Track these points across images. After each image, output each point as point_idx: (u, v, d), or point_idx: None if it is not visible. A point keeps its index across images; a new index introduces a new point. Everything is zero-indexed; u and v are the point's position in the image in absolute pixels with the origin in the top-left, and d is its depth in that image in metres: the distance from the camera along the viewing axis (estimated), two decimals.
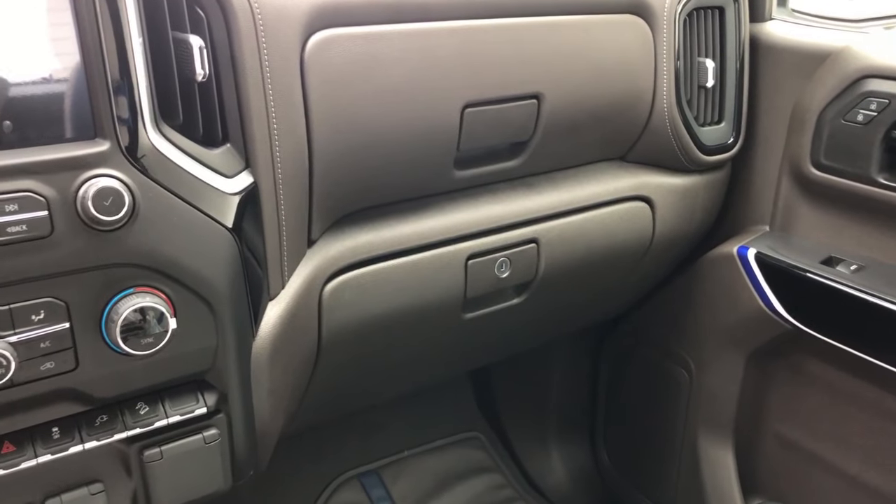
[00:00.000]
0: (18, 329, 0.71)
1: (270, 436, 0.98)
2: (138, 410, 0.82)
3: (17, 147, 0.69)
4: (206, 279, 0.81)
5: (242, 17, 0.83)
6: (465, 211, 1.14)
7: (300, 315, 0.97)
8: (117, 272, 0.75)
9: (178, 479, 0.85)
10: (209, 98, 0.83)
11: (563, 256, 1.26)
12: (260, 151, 0.86)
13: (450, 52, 1.01)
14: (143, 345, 0.76)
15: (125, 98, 0.74)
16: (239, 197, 0.84)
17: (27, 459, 0.76)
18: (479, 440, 1.99)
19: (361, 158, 0.98)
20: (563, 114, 1.15)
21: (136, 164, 0.74)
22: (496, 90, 1.07)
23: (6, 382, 0.71)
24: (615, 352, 1.76)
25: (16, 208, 0.68)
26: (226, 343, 0.84)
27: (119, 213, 0.72)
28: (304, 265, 0.97)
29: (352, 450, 1.85)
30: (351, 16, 0.93)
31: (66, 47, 0.71)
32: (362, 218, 1.06)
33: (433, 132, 1.03)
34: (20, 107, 0.69)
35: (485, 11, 1.03)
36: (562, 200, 1.24)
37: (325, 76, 0.91)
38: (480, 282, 1.17)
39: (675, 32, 1.23)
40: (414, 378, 1.46)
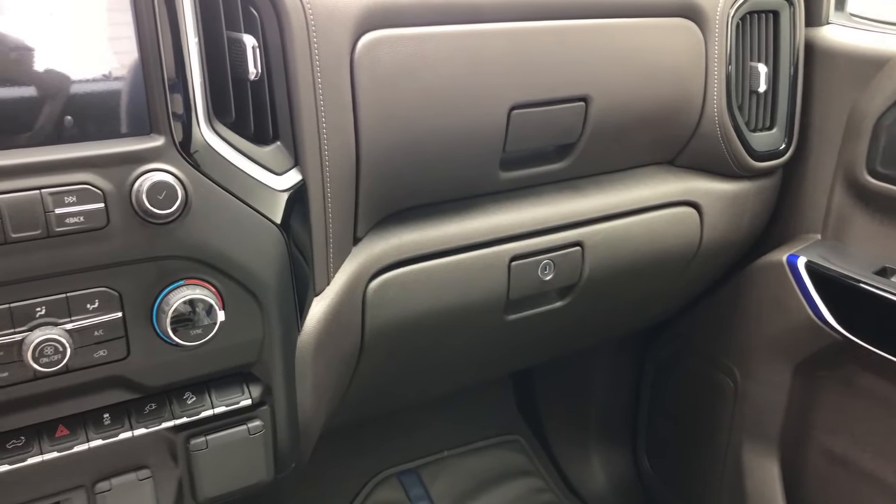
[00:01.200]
0: (74, 317, 0.74)
1: (312, 430, 0.99)
2: (186, 400, 0.84)
3: (76, 141, 0.72)
4: (254, 273, 0.82)
5: (295, 17, 0.84)
6: (510, 212, 1.14)
7: (344, 312, 0.98)
8: (169, 264, 0.77)
9: (222, 468, 0.87)
10: (261, 96, 0.85)
11: (608, 260, 1.25)
12: (309, 149, 0.88)
13: (498, 53, 1.01)
14: (192, 336, 0.78)
15: (180, 95, 0.76)
16: (288, 194, 0.86)
17: (80, 443, 0.78)
18: (519, 443, 1.98)
19: (408, 158, 0.99)
20: (610, 117, 1.14)
21: (189, 159, 0.76)
22: (544, 92, 1.07)
23: (61, 368, 0.73)
24: (659, 358, 1.74)
25: (74, 200, 0.70)
26: (272, 336, 0.86)
27: (172, 207, 0.74)
28: (349, 262, 0.99)
29: (392, 448, 1.87)
30: (401, 17, 0.94)
31: (125, 46, 0.73)
32: (407, 217, 1.07)
33: (479, 133, 1.04)
34: (80, 102, 0.72)
35: (534, 13, 1.03)
36: (608, 204, 1.23)
37: (374, 76, 0.92)
38: (523, 284, 1.17)
39: (727, 36, 1.22)
40: (455, 378, 1.47)
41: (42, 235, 0.70)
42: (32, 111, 0.70)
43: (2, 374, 0.72)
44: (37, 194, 0.69)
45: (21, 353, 0.71)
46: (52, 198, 0.69)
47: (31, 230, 0.69)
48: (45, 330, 0.72)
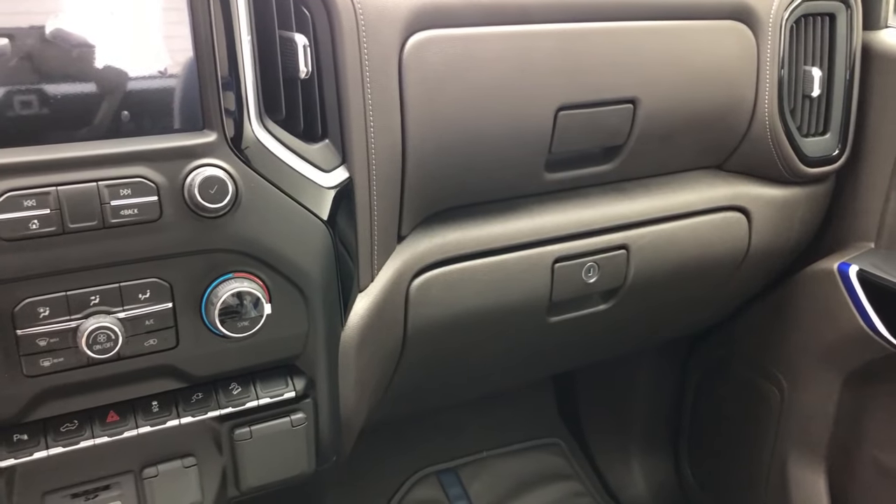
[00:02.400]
0: (126, 306, 0.76)
1: (354, 424, 1.00)
2: (231, 391, 0.86)
3: (132, 136, 0.74)
4: (300, 268, 0.84)
5: (346, 17, 0.86)
6: (555, 213, 1.14)
7: (387, 308, 1.00)
8: (218, 257, 0.79)
9: (266, 459, 0.89)
10: (311, 95, 0.87)
11: (654, 264, 1.24)
12: (356, 147, 0.89)
13: (546, 54, 1.01)
14: (239, 328, 0.80)
15: (233, 93, 0.78)
16: (335, 191, 0.87)
17: (129, 429, 0.81)
18: (559, 446, 1.98)
19: (454, 158, 1.00)
20: (658, 119, 1.13)
21: (240, 155, 0.78)
22: (591, 94, 1.06)
23: (113, 356, 0.75)
24: (704, 365, 1.72)
25: (129, 193, 0.73)
26: (316, 330, 0.87)
27: (223, 201, 0.76)
28: (393, 260, 1.00)
29: (432, 447, 1.88)
30: (450, 17, 0.95)
31: (180, 44, 0.75)
32: (451, 216, 1.07)
33: (526, 134, 1.04)
34: (137, 98, 0.74)
35: (583, 15, 1.03)
36: (654, 207, 1.22)
37: (422, 76, 0.93)
38: (567, 286, 1.17)
39: (781, 40, 1.20)
40: (496, 379, 1.47)
41: (98, 226, 0.72)
42: (92, 106, 0.72)
43: (57, 360, 0.74)
44: (94, 186, 0.71)
45: (76, 339, 0.74)
46: (108, 190, 0.72)
47: (88, 221, 0.71)
48: (99, 318, 0.74)
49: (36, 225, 0.69)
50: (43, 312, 0.73)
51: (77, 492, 0.81)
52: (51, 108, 0.71)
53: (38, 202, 0.69)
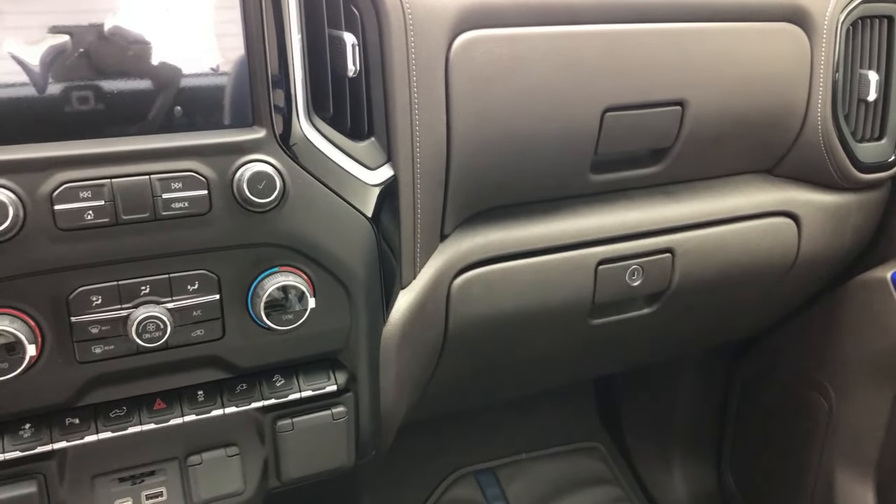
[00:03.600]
0: (175, 297, 0.78)
1: (394, 419, 1.01)
2: (275, 382, 0.87)
3: (184, 131, 0.76)
4: (344, 263, 0.85)
5: (394, 16, 0.87)
6: (599, 215, 1.13)
7: (429, 306, 1.00)
8: (265, 251, 0.81)
9: (307, 450, 0.90)
10: (358, 93, 0.88)
11: (700, 269, 1.22)
12: (401, 146, 0.90)
13: (593, 55, 1.01)
14: (284, 321, 0.81)
15: (282, 90, 0.79)
16: (379, 188, 0.88)
17: (175, 417, 0.83)
18: (598, 451, 1.96)
19: (498, 158, 1.00)
20: (707, 122, 1.12)
21: (288, 151, 0.80)
22: (639, 95, 1.05)
23: (162, 345, 0.77)
24: (748, 373, 1.69)
25: (180, 186, 0.75)
26: (358, 326, 0.89)
27: (271, 197, 0.77)
28: (436, 258, 1.00)
29: (471, 447, 1.88)
30: (497, 17, 0.95)
31: (232, 42, 0.77)
32: (495, 216, 1.07)
33: (571, 135, 1.04)
34: (189, 94, 0.76)
35: (632, 16, 1.02)
36: (701, 211, 1.20)
37: (468, 76, 0.94)
38: (610, 288, 1.16)
39: (836, 42, 1.17)
40: (536, 380, 1.46)
41: (150, 218, 0.74)
42: (146, 102, 0.74)
43: (108, 347, 0.76)
44: (146, 179, 0.73)
45: (126, 328, 0.76)
46: (160, 183, 0.74)
47: (140, 213, 0.73)
48: (149, 308, 0.76)
49: (91, 216, 0.72)
50: (96, 301, 0.75)
51: (124, 476, 0.83)
52: (107, 103, 0.73)
53: (94, 194, 0.71)
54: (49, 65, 0.70)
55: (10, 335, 0.71)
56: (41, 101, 0.71)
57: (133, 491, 0.84)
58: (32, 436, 0.77)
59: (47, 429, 0.78)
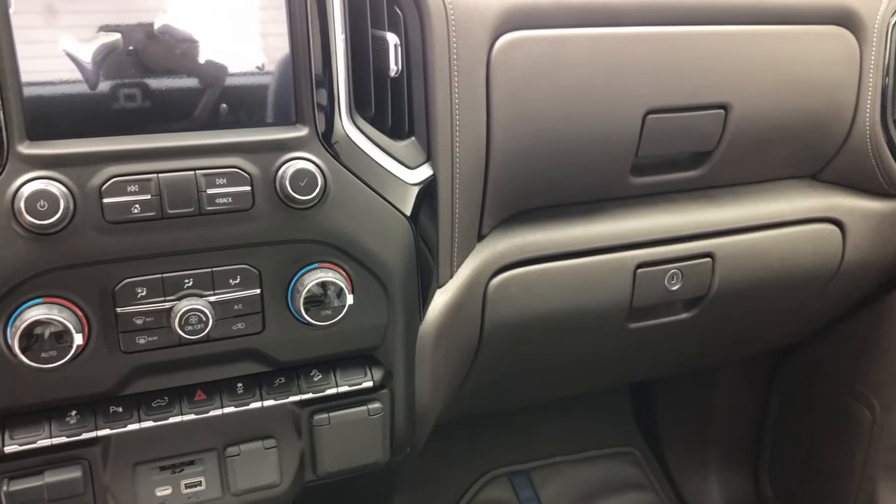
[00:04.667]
0: (217, 290, 0.80)
1: (428, 417, 1.02)
2: (312, 377, 0.88)
3: (229, 128, 0.78)
4: (383, 261, 0.86)
5: (437, 17, 0.87)
6: (639, 218, 1.13)
7: (465, 306, 1.01)
8: (305, 247, 0.82)
9: (342, 445, 0.91)
10: (400, 93, 0.89)
11: (740, 274, 1.21)
12: (441, 145, 0.90)
13: (636, 57, 1.00)
14: (323, 316, 0.83)
15: (325, 90, 0.80)
16: (418, 188, 0.89)
17: (215, 408, 0.84)
18: (633, 456, 1.95)
19: (538, 158, 1.00)
20: (751, 126, 1.11)
21: (329, 149, 0.81)
22: (681, 98, 1.05)
23: (203, 337, 0.79)
24: (789, 381, 1.66)
25: (224, 182, 0.76)
26: (395, 323, 0.89)
27: (312, 194, 0.78)
28: (473, 258, 1.01)
29: (505, 448, 1.88)
30: (540, 19, 0.95)
31: (277, 42, 0.78)
32: (533, 217, 1.07)
33: (612, 137, 1.03)
34: (235, 92, 0.77)
35: (675, 18, 1.02)
36: (743, 216, 1.19)
37: (509, 76, 0.94)
38: (649, 292, 1.15)
39: (888, 46, 1.15)
40: (571, 383, 1.46)
41: (194, 213, 0.76)
42: (193, 99, 0.76)
43: (151, 338, 0.78)
44: (192, 175, 0.75)
45: (169, 319, 0.78)
46: (205, 179, 0.75)
47: (185, 208, 0.75)
48: (191, 300, 0.78)
49: (137, 209, 0.74)
50: (140, 293, 0.77)
51: (165, 465, 0.85)
52: (155, 100, 0.75)
53: (141, 188, 0.73)
54: (100, 62, 0.72)
55: (59, 324, 0.73)
56: (92, 98, 0.73)
57: (173, 480, 0.86)
58: (78, 422, 0.80)
59: (92, 416, 0.80)
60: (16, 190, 0.69)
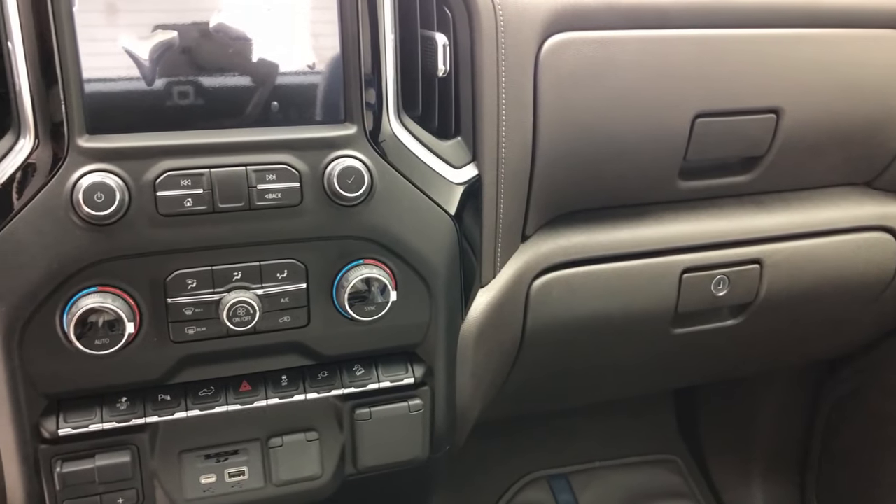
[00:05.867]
0: (265, 284, 0.81)
1: (468, 416, 1.02)
2: (355, 372, 0.90)
3: (279, 125, 0.79)
4: (426, 259, 0.87)
5: (486, 17, 0.88)
6: (686, 222, 1.12)
7: (507, 306, 1.01)
8: (351, 244, 0.83)
9: (382, 440, 0.92)
10: (447, 93, 0.89)
11: (789, 282, 1.19)
12: (487, 145, 0.91)
13: (685, 60, 0.99)
14: (366, 312, 0.84)
15: (374, 89, 0.82)
16: (463, 187, 0.89)
17: (259, 399, 0.86)
18: (675, 464, 1.92)
19: (584, 160, 1.00)
20: (803, 131, 1.09)
21: (377, 148, 0.82)
22: (731, 102, 1.03)
23: (250, 329, 0.81)
24: (839, 392, 1.62)
25: (274, 178, 0.78)
26: (437, 321, 0.90)
27: (359, 191, 0.79)
28: (516, 258, 1.01)
29: (544, 451, 1.87)
30: (589, 20, 0.95)
31: (328, 42, 0.80)
32: (578, 219, 1.07)
33: (661, 140, 1.02)
34: (285, 91, 0.79)
35: (726, 21, 1.00)
36: (793, 222, 1.17)
37: (557, 78, 0.94)
38: (694, 297, 1.14)
39: None
40: (613, 387, 1.45)
41: (244, 207, 0.77)
42: (245, 96, 0.78)
43: (200, 329, 0.80)
44: (243, 170, 0.77)
45: (218, 311, 0.80)
46: (255, 174, 0.77)
47: (236, 202, 0.77)
48: (240, 293, 0.80)
49: (190, 203, 0.76)
50: (191, 284, 0.79)
51: (210, 453, 0.87)
52: (209, 97, 0.77)
53: (193, 182, 0.75)
54: (157, 60, 0.74)
55: (113, 313, 0.75)
56: (149, 94, 0.75)
57: (217, 468, 0.87)
58: (128, 409, 0.82)
59: (141, 403, 0.83)
60: (75, 182, 0.72)
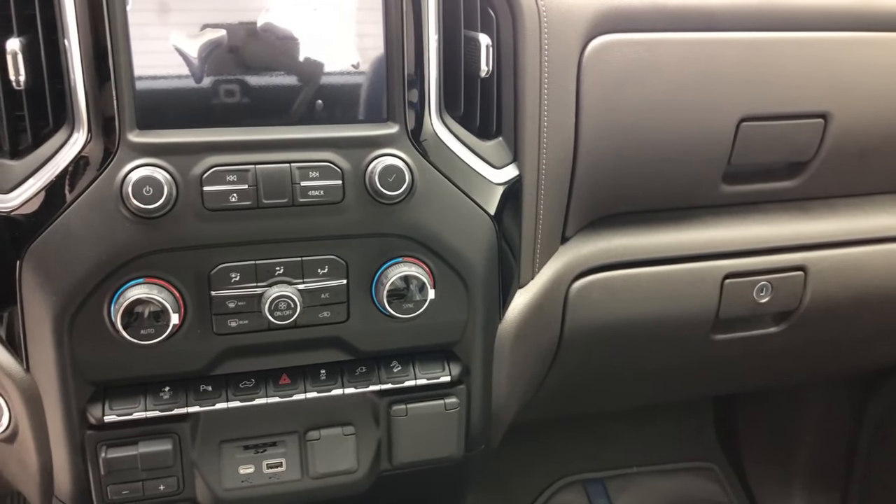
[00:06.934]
0: (306, 279, 0.83)
1: (504, 416, 1.02)
2: (392, 368, 0.91)
3: (323, 123, 0.80)
4: (465, 258, 0.87)
5: (529, 18, 0.88)
6: (729, 227, 1.10)
7: (545, 307, 1.01)
8: (391, 241, 0.84)
9: (418, 437, 0.93)
10: (489, 93, 0.90)
11: (835, 290, 1.17)
12: (528, 146, 0.91)
13: (732, 63, 0.98)
14: (404, 309, 0.85)
15: (416, 89, 0.83)
16: (503, 187, 0.90)
17: (298, 393, 0.88)
18: (713, 472, 1.89)
19: (627, 163, 0.99)
20: (852, 137, 1.07)
21: (418, 147, 0.83)
22: (778, 106, 1.02)
23: (291, 323, 0.82)
24: (884, 406, 1.59)
25: (317, 175, 0.79)
26: (475, 320, 0.91)
27: (399, 189, 0.80)
28: (555, 260, 1.01)
29: (580, 455, 1.86)
30: (634, 22, 0.94)
31: (372, 42, 0.81)
32: (619, 221, 1.07)
33: (704, 143, 1.02)
34: (330, 90, 0.80)
35: (774, 24, 0.99)
36: (840, 230, 1.15)
37: (600, 79, 0.94)
38: (736, 303, 1.13)
39: None
40: (651, 392, 1.43)
41: (288, 204, 0.79)
42: (291, 95, 0.79)
43: (242, 322, 0.82)
44: (287, 167, 0.78)
45: (260, 305, 0.81)
46: (299, 171, 0.78)
47: (280, 198, 0.78)
48: (281, 287, 0.81)
49: (235, 198, 0.77)
50: (234, 278, 0.81)
51: (249, 444, 0.89)
52: (255, 95, 0.78)
53: (239, 178, 0.77)
54: (206, 58, 0.76)
55: (159, 304, 0.77)
56: (197, 91, 0.77)
57: (256, 459, 0.89)
58: (171, 398, 0.84)
59: (184, 393, 0.85)
60: (125, 175, 0.74)
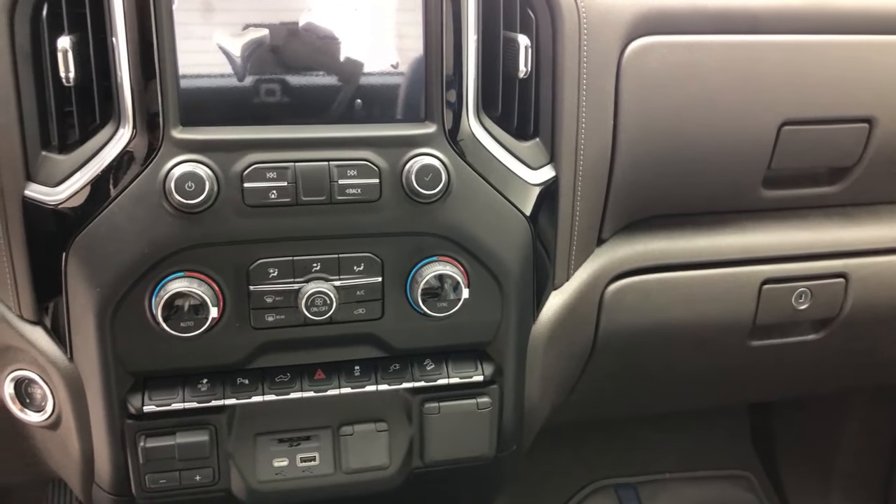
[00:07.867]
0: (343, 276, 0.84)
1: (536, 418, 1.02)
2: (425, 366, 0.91)
3: (362, 122, 0.81)
4: (500, 258, 0.87)
5: (569, 19, 0.88)
6: (768, 233, 1.09)
7: (580, 309, 1.00)
8: (426, 240, 0.85)
9: (450, 435, 0.93)
10: (527, 94, 0.90)
11: (877, 298, 1.15)
12: (565, 147, 0.91)
13: (774, 66, 0.97)
14: (438, 308, 0.85)
15: (455, 89, 0.83)
16: (540, 189, 0.90)
17: (333, 388, 0.89)
18: (748, 481, 1.87)
19: (665, 166, 0.99)
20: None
21: (455, 147, 0.83)
22: (821, 110, 1.01)
23: (326, 319, 0.83)
24: None
25: (355, 174, 0.80)
26: (508, 320, 0.91)
27: (436, 189, 0.81)
28: (591, 262, 1.00)
29: (612, 459, 1.85)
30: (675, 24, 0.94)
31: (412, 43, 0.81)
32: (656, 224, 1.06)
33: (745, 147, 1.01)
34: (369, 89, 0.81)
35: (818, 27, 0.98)
36: (883, 237, 1.13)
37: (639, 82, 0.93)
38: (774, 310, 1.11)
39: None
40: (686, 397, 1.42)
41: (325, 201, 0.80)
42: (331, 94, 0.80)
43: (279, 316, 0.83)
44: (325, 165, 0.79)
45: (297, 300, 0.82)
46: (337, 170, 0.79)
47: (318, 196, 0.80)
48: (318, 284, 0.82)
49: (274, 195, 0.79)
50: (272, 273, 0.82)
51: (283, 437, 0.90)
52: (295, 93, 0.79)
53: (278, 175, 0.78)
54: (248, 57, 0.78)
55: (198, 297, 0.79)
56: (239, 89, 0.78)
57: (290, 452, 0.91)
58: (208, 390, 0.86)
59: (221, 386, 0.86)
60: (168, 171, 0.76)
